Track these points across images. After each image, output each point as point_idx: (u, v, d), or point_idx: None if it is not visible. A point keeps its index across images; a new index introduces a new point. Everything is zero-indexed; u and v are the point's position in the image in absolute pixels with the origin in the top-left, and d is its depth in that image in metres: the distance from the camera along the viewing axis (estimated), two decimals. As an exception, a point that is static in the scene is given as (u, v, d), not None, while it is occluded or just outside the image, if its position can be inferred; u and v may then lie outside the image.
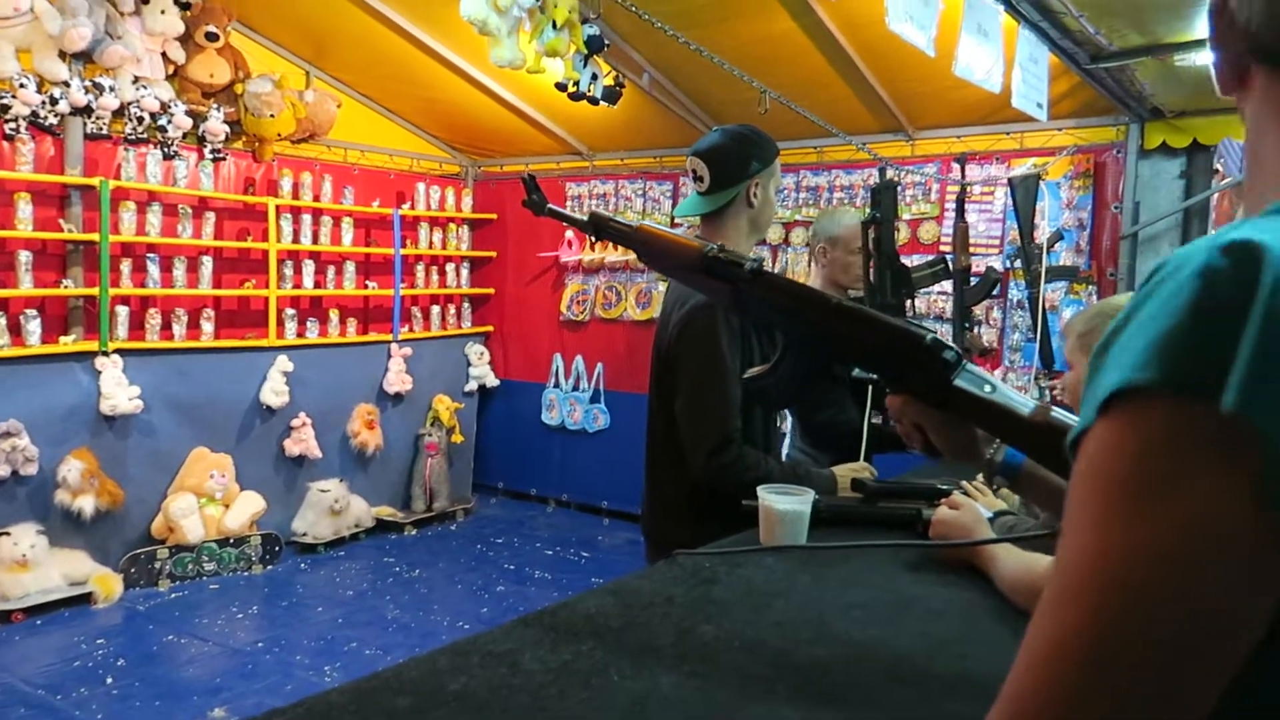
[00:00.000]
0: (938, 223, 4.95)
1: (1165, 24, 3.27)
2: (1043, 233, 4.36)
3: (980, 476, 1.88)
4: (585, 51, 3.91)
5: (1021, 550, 1.43)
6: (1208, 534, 0.44)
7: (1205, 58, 3.41)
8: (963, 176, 3.57)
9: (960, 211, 2.96)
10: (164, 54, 4.67)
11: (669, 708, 1.01)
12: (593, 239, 1.46)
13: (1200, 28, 3.24)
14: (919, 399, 1.06)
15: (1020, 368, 4.70)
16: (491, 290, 6.66)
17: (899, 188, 4.97)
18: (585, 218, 1.37)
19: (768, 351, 2.17)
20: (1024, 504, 1.82)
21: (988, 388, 0.99)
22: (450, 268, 6.41)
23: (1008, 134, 4.70)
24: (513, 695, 1.01)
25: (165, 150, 4.77)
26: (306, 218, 5.43)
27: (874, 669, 1.16)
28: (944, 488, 1.86)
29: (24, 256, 4.29)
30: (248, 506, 4.92)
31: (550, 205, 1.44)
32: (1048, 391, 4.27)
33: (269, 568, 4.94)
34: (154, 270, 4.77)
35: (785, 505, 1.67)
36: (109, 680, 3.57)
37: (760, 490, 1.70)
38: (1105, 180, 4.56)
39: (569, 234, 6.25)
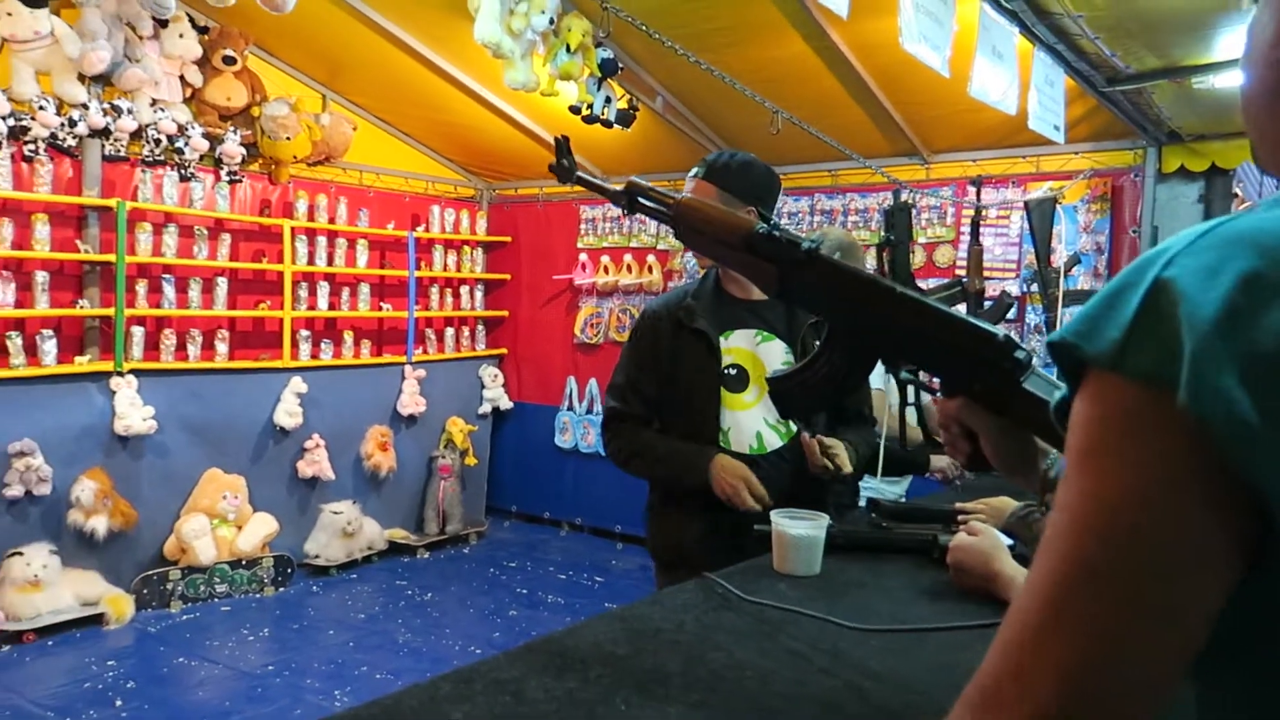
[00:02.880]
0: (953, 246, 4.92)
1: (1182, 46, 3.24)
2: (1060, 256, 4.32)
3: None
4: (599, 75, 3.93)
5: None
6: (1158, 482, 0.50)
7: (1224, 80, 3.40)
8: (978, 199, 3.55)
9: (975, 235, 2.93)
10: (182, 77, 4.72)
11: (676, 739, 0.98)
12: (625, 211, 1.37)
13: (1220, 49, 3.21)
14: (976, 403, 0.99)
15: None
16: (505, 313, 6.66)
17: (913, 210, 4.94)
18: (620, 187, 1.30)
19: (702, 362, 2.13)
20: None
21: (1058, 394, 0.96)
22: (465, 290, 6.42)
23: (1024, 157, 4.67)
24: (516, 725, 0.98)
25: (182, 172, 4.80)
26: (322, 239, 5.46)
27: (890, 701, 1.13)
28: (956, 510, 1.82)
29: (41, 277, 4.32)
30: (260, 528, 4.91)
31: (580, 173, 1.37)
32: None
33: (281, 590, 4.92)
34: (169, 291, 4.79)
35: (798, 531, 1.64)
36: (118, 703, 3.54)
37: (774, 515, 1.67)
38: (1123, 204, 4.52)
39: (583, 256, 6.25)
